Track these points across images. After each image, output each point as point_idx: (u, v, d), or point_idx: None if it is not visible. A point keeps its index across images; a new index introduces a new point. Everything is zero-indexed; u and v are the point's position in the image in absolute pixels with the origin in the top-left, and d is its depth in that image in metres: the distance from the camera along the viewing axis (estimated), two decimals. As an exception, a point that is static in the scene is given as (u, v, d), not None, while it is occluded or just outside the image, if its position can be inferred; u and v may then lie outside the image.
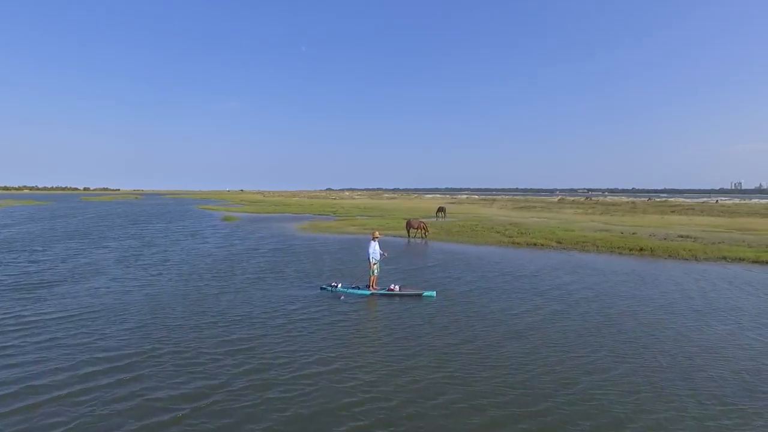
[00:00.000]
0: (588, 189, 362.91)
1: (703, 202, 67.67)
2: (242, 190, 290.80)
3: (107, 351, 7.80)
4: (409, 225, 26.65)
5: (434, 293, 12.04)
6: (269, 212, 53.03)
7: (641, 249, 20.04)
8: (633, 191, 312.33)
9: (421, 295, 11.94)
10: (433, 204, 65.32)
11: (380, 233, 29.77)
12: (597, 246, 21.34)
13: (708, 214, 42.25)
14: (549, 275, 15.03)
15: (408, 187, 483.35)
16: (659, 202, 67.11)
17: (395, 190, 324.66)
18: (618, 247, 20.75)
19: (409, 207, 61.96)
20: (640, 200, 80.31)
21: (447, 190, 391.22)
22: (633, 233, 26.80)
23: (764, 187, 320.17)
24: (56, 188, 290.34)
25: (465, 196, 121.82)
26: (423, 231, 25.97)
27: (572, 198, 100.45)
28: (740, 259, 17.79)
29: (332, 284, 12.79)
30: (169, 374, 6.88)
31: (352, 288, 12.54)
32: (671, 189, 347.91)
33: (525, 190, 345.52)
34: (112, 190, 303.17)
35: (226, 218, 42.45)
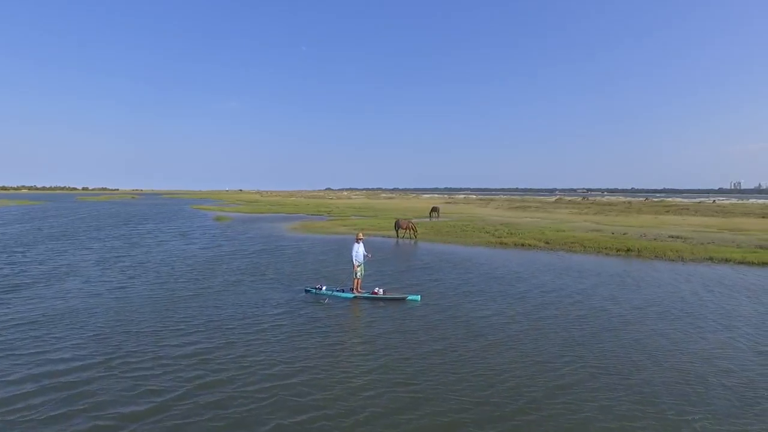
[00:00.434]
0: (587, 189, 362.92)
1: (700, 202, 67.51)
2: (241, 190, 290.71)
3: (58, 361, 7.51)
4: (398, 225, 26.46)
5: (419, 297, 11.79)
6: (263, 212, 52.81)
7: (628, 250, 19.84)
8: (632, 191, 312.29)
9: (405, 299, 11.71)
10: (430, 204, 65.12)
11: (371, 233, 29.81)
12: (584, 246, 21.14)
13: (702, 215, 42.06)
14: (531, 277, 14.81)
15: (408, 187, 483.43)
16: (655, 202, 66.92)
17: (394, 190, 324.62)
18: (605, 248, 20.55)
19: (405, 207, 61.78)
20: (637, 200, 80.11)
21: (446, 190, 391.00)
22: (624, 233, 26.61)
23: (763, 187, 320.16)
24: (54, 188, 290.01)
25: (463, 196, 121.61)
26: (412, 231, 25.77)
27: (569, 198, 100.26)
28: (726, 260, 17.60)
29: (317, 287, 12.57)
30: (120, 387, 6.56)
31: (337, 291, 12.31)
32: (670, 189, 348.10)
33: (524, 190, 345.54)
34: (111, 190, 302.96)
35: (218, 218, 42.24)
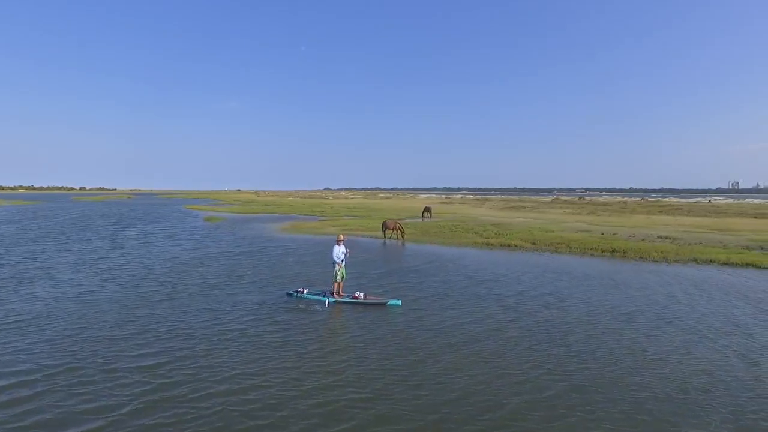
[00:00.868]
0: (585, 189, 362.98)
1: (695, 202, 67.39)
2: (239, 190, 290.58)
3: (4, 368, 7.33)
4: (385, 226, 26.28)
5: (399, 302, 11.54)
6: (257, 212, 52.61)
7: (613, 250, 19.67)
8: (631, 191, 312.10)
9: (386, 304, 11.46)
10: (425, 204, 64.92)
11: (360, 234, 29.60)
12: (570, 247, 20.95)
13: (695, 215, 41.91)
14: (512, 279, 14.62)
15: (407, 187, 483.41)
16: (651, 202, 66.77)
17: (393, 190, 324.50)
18: (591, 249, 20.37)
19: (400, 207, 61.61)
20: (633, 200, 79.97)
21: (445, 190, 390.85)
22: (613, 234, 26.45)
23: (761, 187, 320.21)
24: (52, 188, 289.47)
25: (460, 196, 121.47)
26: (399, 232, 25.58)
27: (566, 198, 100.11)
28: (711, 261, 17.42)
29: (298, 290, 12.35)
30: (60, 398, 6.32)
31: (316, 294, 12.09)
32: (669, 189, 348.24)
33: (523, 190, 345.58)
34: (109, 190, 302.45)
35: (209, 219, 42.02)
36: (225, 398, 6.40)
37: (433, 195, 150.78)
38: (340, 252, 12.19)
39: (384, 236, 26.19)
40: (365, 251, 20.77)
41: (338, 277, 12.08)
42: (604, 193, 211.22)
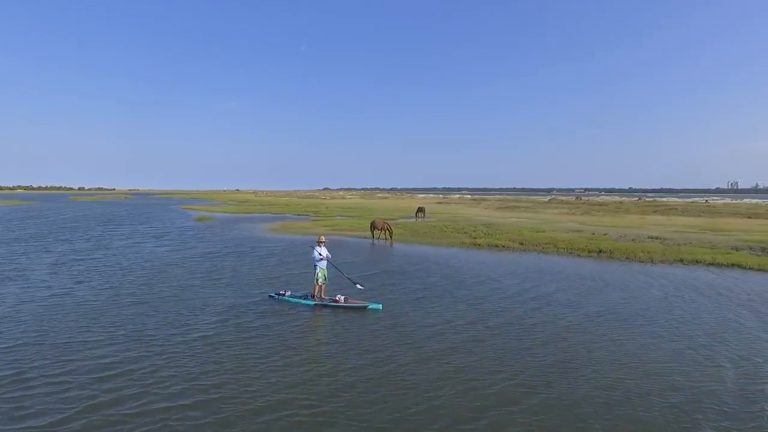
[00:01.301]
0: (585, 189, 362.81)
1: (692, 202, 67.20)
2: (238, 190, 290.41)
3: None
4: (374, 226, 26.07)
5: (380, 306, 11.24)
6: (251, 212, 52.40)
7: (600, 251, 19.47)
8: (630, 191, 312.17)
9: (366, 308, 11.19)
10: (422, 204, 64.75)
11: (350, 234, 29.37)
12: (558, 248, 20.74)
13: (689, 215, 41.72)
14: (493, 281, 14.38)
15: (407, 187, 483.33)
16: (647, 202, 66.60)
17: (392, 190, 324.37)
18: (578, 249, 20.16)
19: (396, 207, 61.41)
20: (629, 200, 79.80)
21: (445, 190, 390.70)
22: (604, 234, 26.25)
23: (760, 187, 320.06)
24: (50, 188, 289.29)
25: (458, 196, 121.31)
26: (387, 232, 25.36)
27: (564, 198, 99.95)
28: (697, 262, 17.22)
29: (280, 292, 12.13)
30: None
31: (299, 297, 11.85)
32: (668, 189, 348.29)
33: (523, 190, 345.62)
34: (107, 190, 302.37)
35: (201, 219, 41.81)
36: (168, 414, 6.05)
37: (431, 195, 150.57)
38: (322, 253, 11.96)
39: (372, 237, 25.98)
40: (352, 252, 20.54)
41: (319, 280, 11.82)
42: (603, 193, 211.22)
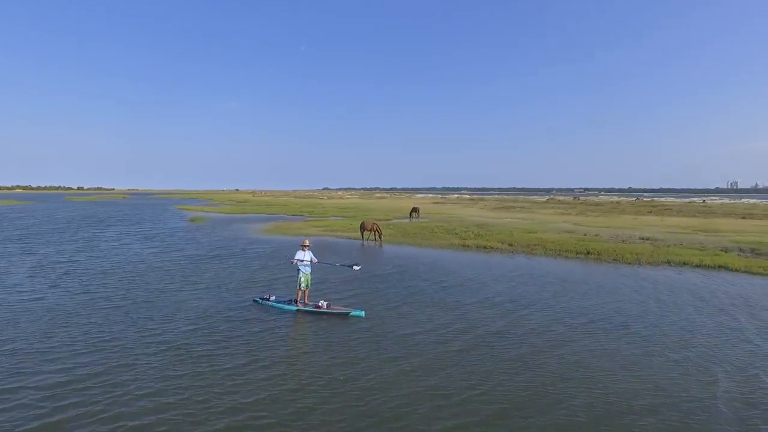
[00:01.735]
0: (584, 189, 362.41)
1: (688, 203, 67.00)
2: (237, 190, 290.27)
3: None
4: (363, 227, 25.92)
5: (363, 312, 10.99)
6: (246, 212, 52.26)
7: (588, 252, 19.30)
8: (630, 191, 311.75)
9: (348, 315, 10.96)
10: (419, 204, 64.58)
11: (341, 235, 29.19)
12: (546, 249, 20.57)
13: (684, 215, 41.54)
14: (478, 284, 14.21)
15: (406, 187, 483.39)
16: (643, 202, 66.41)
17: (392, 190, 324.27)
18: (566, 250, 19.99)
19: (392, 207, 61.23)
20: (627, 200, 79.62)
21: (444, 190, 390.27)
22: (596, 235, 26.08)
23: (760, 187, 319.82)
24: (49, 188, 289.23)
25: (456, 196, 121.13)
26: (376, 233, 25.18)
27: (562, 198, 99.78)
28: (684, 263, 17.05)
29: (265, 297, 11.95)
30: None
31: (283, 302, 11.64)
32: (668, 189, 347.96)
33: (522, 190, 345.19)
34: (106, 190, 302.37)
35: (194, 219, 41.63)
36: (125, 422, 5.90)
37: (430, 195, 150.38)
38: (307, 259, 11.71)
39: (362, 237, 25.82)
40: (339, 254, 20.35)
41: (302, 285, 11.59)
42: (603, 193, 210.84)
